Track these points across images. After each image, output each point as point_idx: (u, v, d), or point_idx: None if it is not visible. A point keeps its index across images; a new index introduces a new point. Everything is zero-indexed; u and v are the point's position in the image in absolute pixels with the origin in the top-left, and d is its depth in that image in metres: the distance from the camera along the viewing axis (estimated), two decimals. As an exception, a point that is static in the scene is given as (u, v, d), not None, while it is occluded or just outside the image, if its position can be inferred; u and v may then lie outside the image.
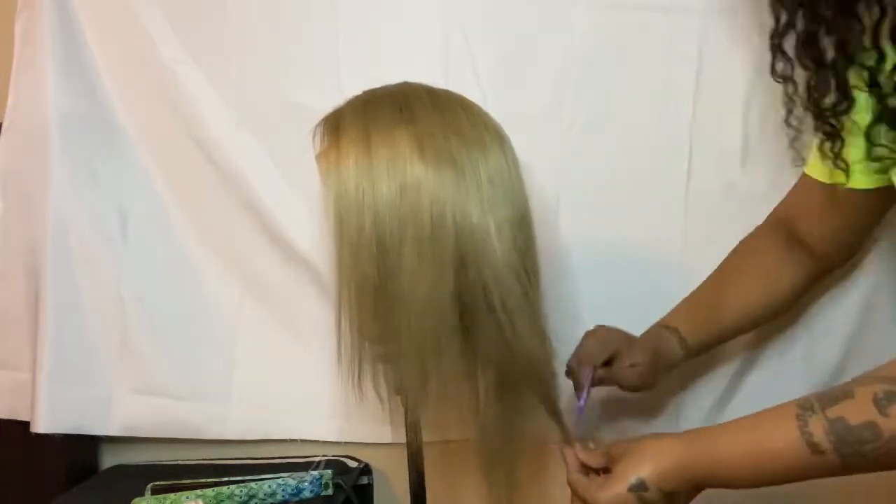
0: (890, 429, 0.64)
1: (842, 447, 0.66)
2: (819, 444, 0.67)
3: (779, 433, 0.70)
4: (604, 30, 1.10)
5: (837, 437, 0.66)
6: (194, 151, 1.17)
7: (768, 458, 0.70)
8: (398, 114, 0.83)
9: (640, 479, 0.74)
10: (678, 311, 1.04)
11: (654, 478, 0.74)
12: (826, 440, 0.66)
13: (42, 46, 1.14)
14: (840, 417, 0.66)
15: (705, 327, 1.03)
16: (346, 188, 0.81)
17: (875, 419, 0.65)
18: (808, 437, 0.67)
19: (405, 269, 0.80)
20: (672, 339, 1.02)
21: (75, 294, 1.18)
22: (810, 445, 0.67)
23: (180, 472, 1.16)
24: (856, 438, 0.65)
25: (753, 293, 1.03)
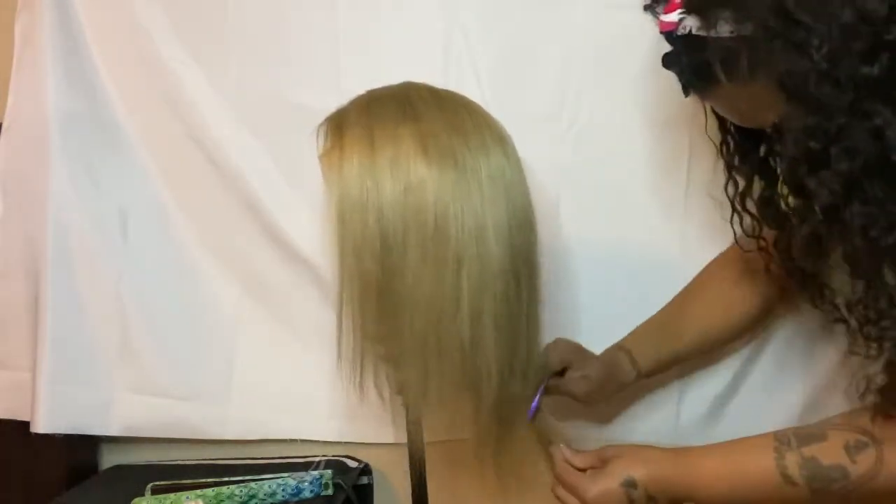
0: (856, 472, 0.74)
1: (812, 482, 0.76)
2: (792, 477, 0.77)
3: (756, 463, 0.79)
4: (604, 30, 1.10)
5: (810, 473, 0.76)
6: (194, 151, 1.17)
7: (745, 483, 0.80)
8: (402, 113, 0.83)
9: (632, 477, 0.82)
10: (635, 333, 1.06)
11: (644, 480, 0.82)
12: (799, 474, 0.76)
13: (42, 46, 1.14)
14: (813, 457, 0.76)
15: (658, 350, 1.04)
16: (349, 187, 0.81)
17: (844, 463, 0.75)
18: (783, 470, 0.77)
19: (408, 268, 0.80)
20: (624, 359, 1.03)
21: (75, 294, 1.18)
22: (784, 477, 0.77)
23: (180, 472, 1.16)
24: (825, 476, 0.75)
25: (710, 317, 1.04)
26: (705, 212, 1.12)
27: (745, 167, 0.89)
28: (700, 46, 0.70)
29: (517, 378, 0.88)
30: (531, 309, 0.89)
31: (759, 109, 0.73)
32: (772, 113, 0.71)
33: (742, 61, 0.67)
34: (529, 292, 0.88)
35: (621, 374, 1.03)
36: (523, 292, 0.86)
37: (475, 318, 0.82)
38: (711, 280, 1.05)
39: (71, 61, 1.16)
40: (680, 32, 0.72)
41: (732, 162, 0.89)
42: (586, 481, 0.84)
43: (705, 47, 0.70)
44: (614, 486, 0.83)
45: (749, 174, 0.89)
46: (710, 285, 1.05)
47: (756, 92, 0.70)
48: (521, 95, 1.12)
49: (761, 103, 0.71)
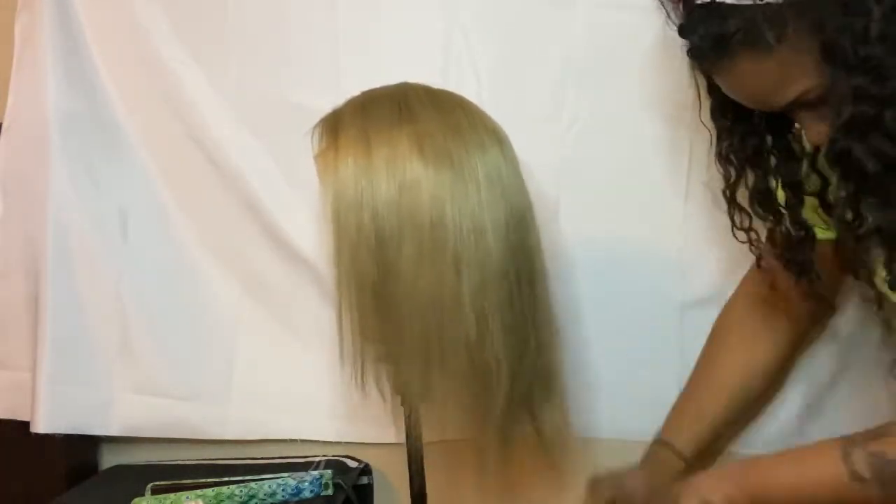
0: None
1: (881, 476, 0.74)
2: (859, 473, 0.75)
3: (825, 465, 0.77)
4: (604, 30, 1.10)
5: (877, 467, 0.74)
6: (194, 151, 1.17)
7: (815, 486, 0.78)
8: (398, 114, 0.83)
9: (709, 500, 0.80)
10: (670, 422, 1.02)
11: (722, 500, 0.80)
12: (867, 470, 0.74)
13: (42, 46, 1.14)
14: (881, 451, 0.75)
15: (699, 434, 1.01)
16: (344, 187, 0.81)
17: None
18: (851, 467, 0.75)
19: (404, 267, 0.80)
20: (669, 455, 1.00)
21: (75, 294, 1.18)
22: (851, 474, 0.75)
23: (180, 472, 1.16)
24: (893, 469, 0.74)
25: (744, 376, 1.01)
26: (705, 211, 1.12)
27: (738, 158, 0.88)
28: (720, 14, 0.70)
29: (527, 376, 0.88)
30: (538, 307, 0.89)
31: (777, 82, 0.72)
32: (792, 84, 0.71)
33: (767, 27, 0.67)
34: (533, 291, 0.88)
35: (668, 469, 0.99)
36: (526, 291, 0.86)
37: (480, 317, 0.82)
38: (733, 337, 1.02)
39: (71, 61, 1.16)
40: (700, 0, 0.71)
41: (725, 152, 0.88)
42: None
43: (725, 16, 0.69)
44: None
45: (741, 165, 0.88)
46: (734, 344, 1.02)
47: (779, 61, 0.69)
48: (521, 95, 1.12)
49: (782, 74, 0.70)
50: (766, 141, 0.86)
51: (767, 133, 0.85)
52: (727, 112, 0.86)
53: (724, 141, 0.88)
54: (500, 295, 0.83)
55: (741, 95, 0.78)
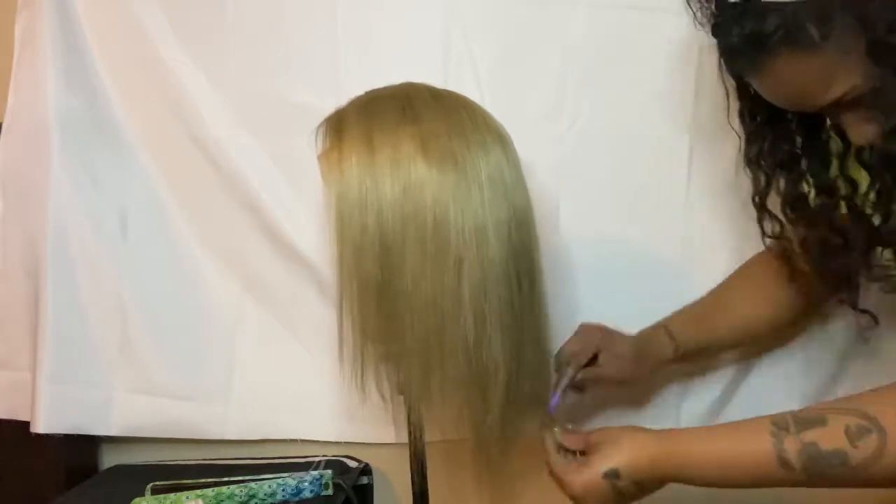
0: (856, 457, 0.70)
1: (811, 467, 0.72)
2: (789, 461, 0.72)
3: (753, 446, 0.74)
4: (604, 30, 1.10)
5: (808, 458, 0.72)
6: (194, 151, 1.17)
7: (739, 465, 0.76)
8: (401, 114, 0.83)
9: (613, 468, 0.78)
10: (674, 314, 1.05)
11: (628, 469, 0.78)
12: (797, 459, 0.72)
13: (42, 46, 1.14)
14: (813, 442, 0.72)
15: (697, 330, 1.04)
16: (348, 188, 0.81)
17: (845, 448, 0.71)
18: (781, 454, 0.72)
19: (408, 268, 0.80)
20: (663, 335, 1.03)
21: (75, 294, 1.18)
22: (780, 461, 0.72)
23: (180, 472, 1.16)
24: (825, 462, 0.71)
25: (750, 306, 1.04)
26: (706, 211, 1.12)
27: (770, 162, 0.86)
28: (758, 12, 0.68)
29: (525, 377, 0.88)
30: (535, 308, 0.89)
31: (817, 81, 0.71)
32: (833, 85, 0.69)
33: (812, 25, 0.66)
34: (532, 292, 0.88)
35: (658, 349, 1.02)
36: (526, 292, 0.86)
37: (479, 318, 0.82)
38: (754, 274, 1.04)
39: (71, 61, 1.16)
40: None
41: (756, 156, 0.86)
42: (572, 474, 0.81)
43: (764, 13, 0.68)
44: (597, 479, 0.78)
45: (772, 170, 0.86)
46: (753, 278, 1.04)
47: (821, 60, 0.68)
48: (521, 95, 1.13)
49: (822, 74, 0.69)
50: (798, 144, 0.84)
51: (800, 135, 0.83)
52: (758, 114, 0.84)
53: (755, 145, 0.86)
54: (500, 296, 0.83)
55: (780, 96, 0.75)
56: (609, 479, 0.78)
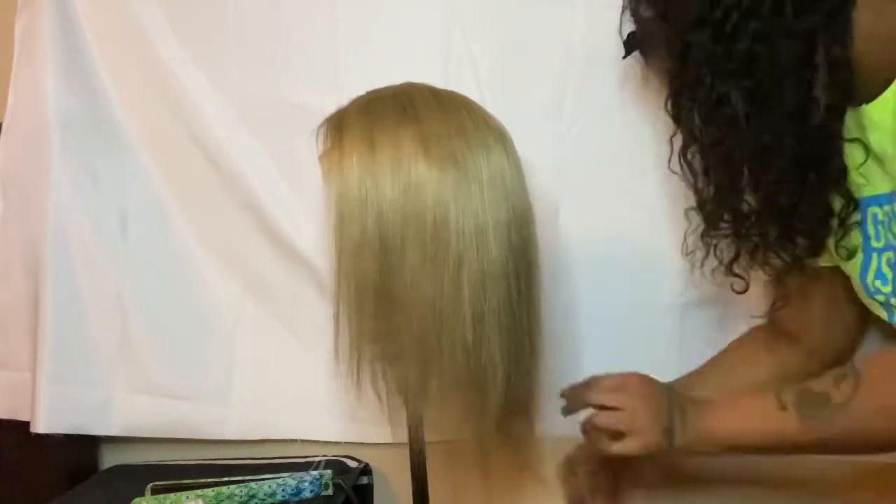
0: (836, 398, 0.78)
1: (801, 407, 0.79)
2: (784, 402, 0.80)
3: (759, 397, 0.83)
4: (604, 30, 1.10)
5: (800, 398, 0.80)
6: (194, 151, 1.17)
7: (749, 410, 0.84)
8: (402, 114, 0.83)
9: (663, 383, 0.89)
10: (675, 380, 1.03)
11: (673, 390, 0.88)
12: (791, 400, 0.80)
13: (42, 46, 1.14)
14: (807, 387, 0.81)
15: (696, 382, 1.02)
16: (348, 187, 0.81)
17: (828, 389, 0.79)
18: (780, 399, 0.81)
19: (407, 268, 0.80)
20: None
21: (75, 294, 1.18)
22: (779, 404, 0.80)
23: (180, 472, 1.16)
24: (812, 401, 0.79)
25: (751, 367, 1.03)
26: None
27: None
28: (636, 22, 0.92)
29: (522, 377, 0.88)
30: (532, 308, 0.89)
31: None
32: None
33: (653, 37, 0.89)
34: (530, 292, 0.88)
35: None
36: (524, 292, 0.86)
37: (478, 319, 0.82)
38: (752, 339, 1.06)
39: (71, 61, 1.16)
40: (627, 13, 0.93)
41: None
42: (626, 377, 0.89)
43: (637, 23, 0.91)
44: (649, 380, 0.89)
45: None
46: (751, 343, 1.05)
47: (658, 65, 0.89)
48: (521, 95, 1.12)
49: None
50: None
51: None
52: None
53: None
54: (499, 296, 0.83)
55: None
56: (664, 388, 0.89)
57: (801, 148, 0.81)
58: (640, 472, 1.02)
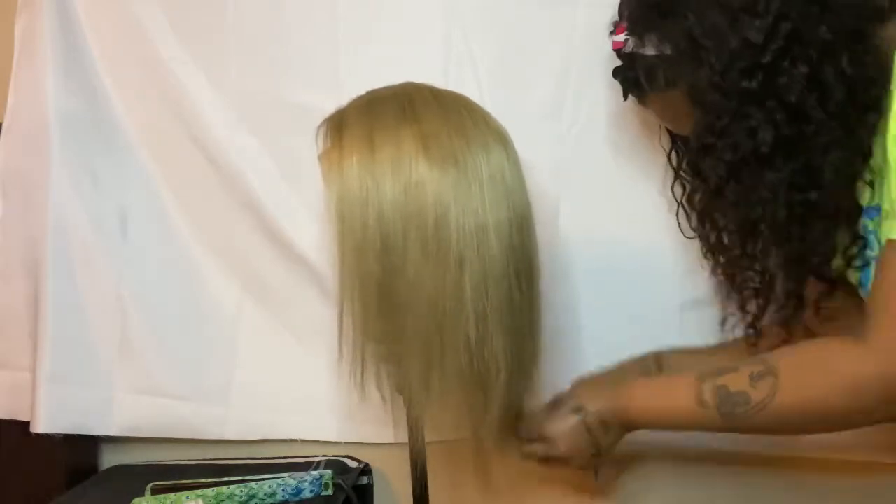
0: (755, 398, 0.81)
1: (721, 407, 0.83)
2: (706, 402, 0.84)
3: (680, 390, 0.87)
4: (604, 30, 1.10)
5: (720, 398, 0.83)
6: (194, 151, 1.17)
7: (669, 408, 0.89)
8: (402, 114, 0.83)
9: (579, 404, 0.93)
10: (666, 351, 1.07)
11: (592, 408, 0.92)
12: (711, 400, 0.84)
13: (42, 46, 1.14)
14: (724, 385, 0.84)
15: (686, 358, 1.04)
16: (349, 187, 0.81)
17: (747, 389, 0.82)
18: (699, 395, 0.85)
19: (409, 267, 0.81)
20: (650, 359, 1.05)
21: (75, 294, 1.18)
22: (699, 402, 0.84)
23: (180, 472, 1.16)
24: (732, 401, 0.83)
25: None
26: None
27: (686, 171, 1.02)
28: (634, 62, 0.88)
29: (524, 375, 0.88)
30: (534, 307, 0.89)
31: (676, 117, 0.90)
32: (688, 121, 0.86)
33: (660, 75, 0.86)
34: (531, 291, 0.88)
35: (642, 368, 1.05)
36: (525, 291, 0.86)
37: (480, 318, 0.82)
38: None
39: (71, 61, 1.16)
40: (625, 50, 0.89)
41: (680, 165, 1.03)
42: (543, 422, 0.94)
43: (637, 63, 0.88)
44: (569, 417, 0.92)
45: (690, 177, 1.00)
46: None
47: (673, 101, 0.87)
48: (521, 95, 1.12)
49: (678, 112, 0.88)
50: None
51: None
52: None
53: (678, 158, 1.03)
54: (500, 295, 0.83)
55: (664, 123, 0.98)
56: (575, 413, 0.92)
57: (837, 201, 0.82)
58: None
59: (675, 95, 0.86)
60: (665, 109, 0.92)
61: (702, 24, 0.81)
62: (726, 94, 0.80)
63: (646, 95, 0.90)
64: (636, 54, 0.87)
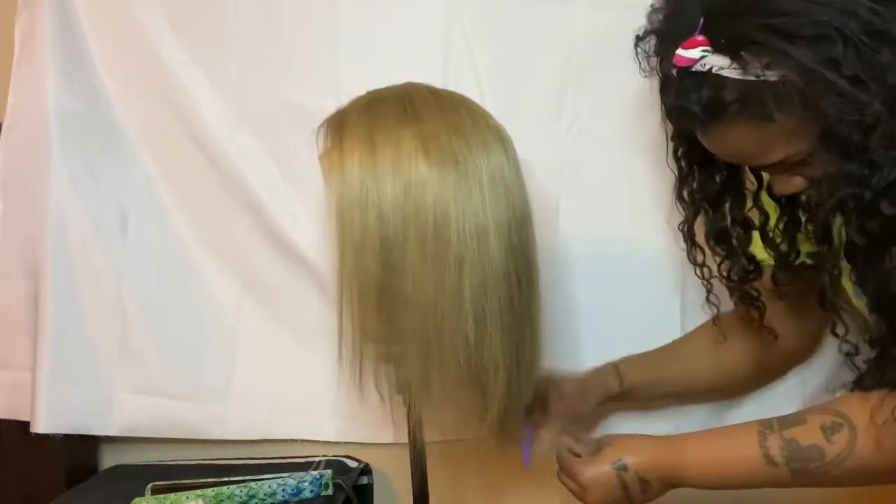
0: (831, 452, 0.78)
1: (791, 462, 0.79)
2: (773, 458, 0.80)
3: (741, 446, 0.83)
4: (604, 30, 1.10)
5: (789, 453, 0.79)
6: (194, 151, 1.17)
7: (731, 465, 0.84)
8: (402, 114, 0.83)
9: (623, 461, 0.87)
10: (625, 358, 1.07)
11: (634, 464, 0.86)
12: (780, 455, 0.80)
13: (42, 46, 1.14)
14: (793, 438, 0.79)
15: (644, 368, 1.06)
16: (349, 187, 0.81)
17: (821, 443, 0.78)
18: (766, 451, 0.80)
19: (408, 268, 0.81)
20: (610, 371, 1.06)
21: (75, 294, 1.18)
22: (766, 458, 0.80)
23: (180, 472, 1.16)
24: (804, 457, 0.79)
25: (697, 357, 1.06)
26: (705, 212, 1.12)
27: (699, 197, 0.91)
28: (720, 84, 0.73)
29: (523, 376, 0.88)
30: (533, 307, 0.89)
31: (763, 148, 0.76)
32: (778, 151, 0.75)
33: (768, 102, 0.71)
34: (530, 291, 0.88)
35: (603, 383, 1.05)
36: (525, 291, 0.86)
37: (479, 318, 0.82)
38: (704, 330, 1.07)
39: (71, 61, 1.16)
40: (697, 68, 0.74)
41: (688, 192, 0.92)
42: (581, 465, 0.89)
43: (726, 85, 0.72)
44: (606, 469, 0.87)
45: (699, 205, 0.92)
46: (703, 333, 1.07)
47: (771, 131, 0.73)
48: (521, 95, 1.13)
49: (769, 142, 0.75)
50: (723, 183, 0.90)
51: (723, 175, 0.89)
52: (692, 157, 0.90)
53: (686, 183, 0.92)
54: (500, 296, 0.83)
55: (723, 154, 0.81)
56: (617, 470, 0.86)
57: None
58: None
59: (774, 126, 0.73)
60: (744, 141, 0.76)
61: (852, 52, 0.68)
62: (890, 140, 0.69)
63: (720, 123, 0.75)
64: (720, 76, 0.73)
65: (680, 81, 0.76)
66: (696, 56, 0.73)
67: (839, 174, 0.72)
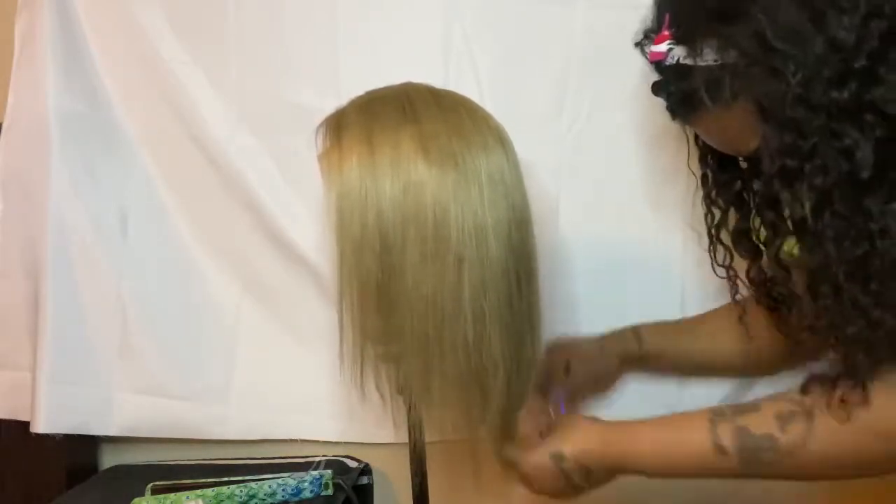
0: (784, 442, 0.74)
1: (742, 452, 0.75)
2: (724, 447, 0.76)
3: (692, 433, 0.79)
4: (604, 30, 1.10)
5: (740, 442, 0.75)
6: (194, 151, 1.18)
7: (677, 453, 0.80)
8: (402, 114, 0.83)
9: (560, 451, 0.84)
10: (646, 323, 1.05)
11: (574, 453, 0.84)
12: (730, 444, 0.76)
13: (42, 46, 1.14)
14: (745, 426, 0.76)
15: (664, 335, 1.04)
16: (348, 187, 0.81)
17: (773, 432, 0.74)
18: (716, 439, 0.76)
19: (408, 268, 0.81)
20: (629, 332, 1.04)
21: (75, 294, 1.18)
22: (716, 447, 0.76)
23: (180, 472, 1.17)
24: (755, 446, 0.75)
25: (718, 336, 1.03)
26: (705, 212, 1.12)
27: (722, 200, 0.92)
28: (687, 74, 0.75)
29: (523, 376, 0.88)
30: (532, 307, 0.89)
31: (740, 134, 0.77)
32: (752, 137, 0.75)
33: (725, 86, 0.72)
34: (530, 291, 0.88)
35: (623, 343, 1.03)
36: (524, 291, 0.86)
37: (478, 318, 0.82)
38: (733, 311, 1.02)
39: (71, 61, 1.16)
40: (668, 62, 0.76)
41: (710, 194, 0.93)
42: (524, 454, 0.87)
43: (691, 74, 0.75)
44: (545, 460, 0.85)
45: (725, 206, 0.92)
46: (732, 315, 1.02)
47: (737, 116, 0.75)
48: (521, 95, 1.13)
49: (742, 127, 0.75)
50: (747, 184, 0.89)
51: (750, 177, 0.88)
52: (712, 158, 0.91)
53: (710, 185, 0.92)
54: (499, 295, 0.83)
55: (715, 143, 0.83)
56: (554, 460, 0.84)
57: None
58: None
59: (738, 111, 0.74)
60: (723, 128, 0.78)
61: (776, 23, 0.69)
62: (812, 108, 0.68)
63: (697, 113, 0.77)
64: (687, 65, 0.74)
65: (658, 77, 0.79)
66: (664, 49, 0.76)
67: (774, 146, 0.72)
